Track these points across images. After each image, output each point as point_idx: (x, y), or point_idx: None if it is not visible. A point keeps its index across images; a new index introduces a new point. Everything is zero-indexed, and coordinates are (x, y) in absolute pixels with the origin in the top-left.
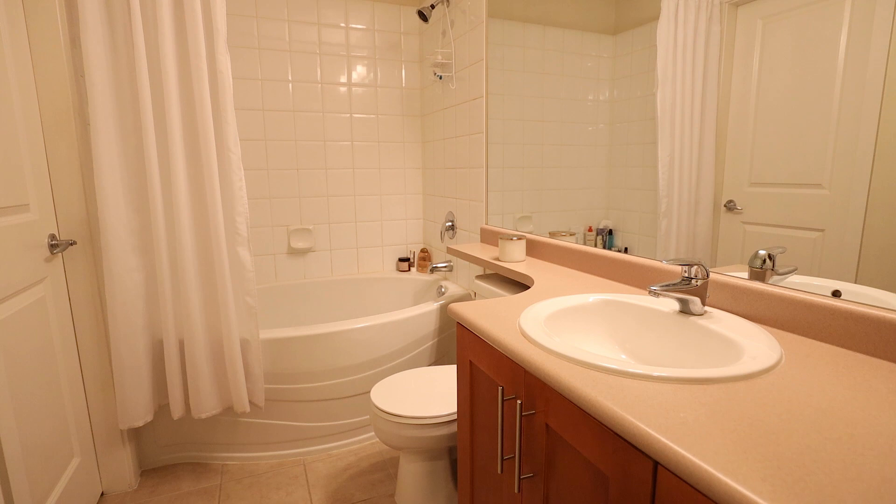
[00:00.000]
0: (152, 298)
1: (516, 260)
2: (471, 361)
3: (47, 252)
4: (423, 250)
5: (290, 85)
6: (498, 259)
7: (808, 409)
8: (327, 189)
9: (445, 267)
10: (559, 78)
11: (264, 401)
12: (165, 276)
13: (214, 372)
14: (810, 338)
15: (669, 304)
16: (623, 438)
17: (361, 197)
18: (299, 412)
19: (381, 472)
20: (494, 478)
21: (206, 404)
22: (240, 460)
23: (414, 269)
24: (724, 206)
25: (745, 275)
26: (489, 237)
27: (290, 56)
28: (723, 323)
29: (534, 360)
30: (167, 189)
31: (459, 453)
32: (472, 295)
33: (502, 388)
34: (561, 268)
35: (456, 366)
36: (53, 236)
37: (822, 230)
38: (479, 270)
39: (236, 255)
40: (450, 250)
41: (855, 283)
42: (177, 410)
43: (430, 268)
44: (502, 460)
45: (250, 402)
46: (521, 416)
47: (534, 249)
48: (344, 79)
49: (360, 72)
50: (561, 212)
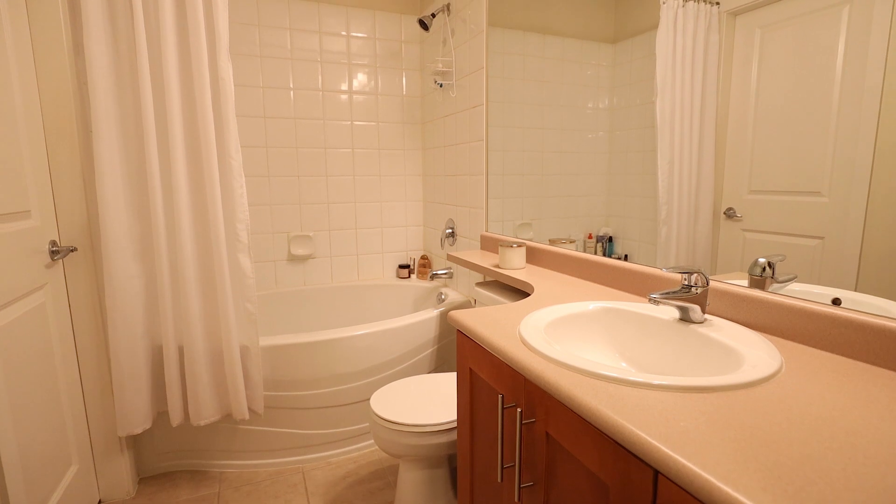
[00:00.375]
0: (152, 305)
1: (516, 267)
2: (471, 369)
3: (48, 258)
4: (423, 257)
5: (292, 92)
6: (498, 266)
7: (809, 418)
8: (328, 196)
9: (445, 274)
10: (559, 86)
11: (263, 408)
12: (166, 283)
13: (214, 379)
14: (810, 346)
15: (669, 311)
16: (623, 447)
17: (362, 204)
18: (298, 419)
19: (380, 481)
20: (494, 486)
21: (205, 411)
22: (238, 468)
23: (414, 276)
24: (724, 213)
25: (745, 283)
26: (489, 244)
27: (291, 64)
28: (723, 331)
29: (534, 368)
30: (168, 195)
31: (459, 461)
32: (472, 302)
33: (502, 396)
34: (561, 275)
35: (456, 373)
36: (54, 242)
37: (821, 238)
38: (479, 277)
39: (236, 261)
40: (450, 257)
41: (855, 290)
42: (176, 417)
43: (430, 275)
44: (502, 469)
45: (249, 409)
46: (521, 424)
47: (534, 257)
48: (345, 86)
49: (360, 79)
50: (561, 219)
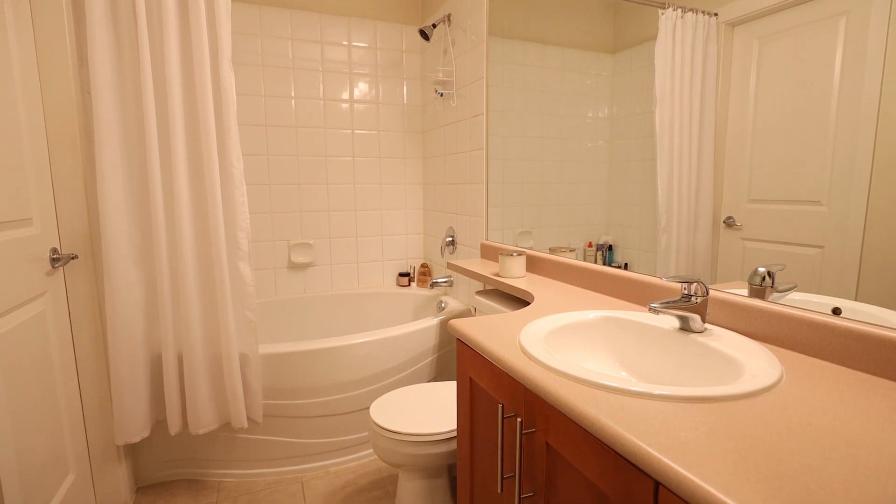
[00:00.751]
0: (152, 312)
1: (516, 276)
2: (471, 378)
3: (48, 266)
4: (423, 265)
5: (293, 101)
6: (498, 275)
7: (809, 428)
8: (328, 204)
9: (445, 282)
10: (559, 95)
11: (262, 416)
12: (166, 290)
13: (213, 387)
14: (811, 356)
15: (670, 321)
16: (624, 458)
17: (362, 212)
18: (297, 428)
19: (379, 490)
20: (494, 497)
21: (204, 420)
22: (237, 477)
23: (414, 284)
24: (724, 222)
25: (745, 292)
26: (489, 253)
27: (293, 73)
28: (723, 340)
29: (534, 377)
30: (169, 203)
31: (459, 471)
32: (472, 310)
33: (502, 406)
34: (561, 284)
35: (456, 382)
36: (55, 250)
37: (821, 247)
38: (479, 286)
39: (237, 269)
40: (450, 266)
41: (855, 300)
42: (174, 426)
43: (430, 283)
44: (502, 479)
45: (248, 417)
46: (521, 434)
47: (534, 265)
48: (346, 95)
49: (361, 89)
50: (561, 227)
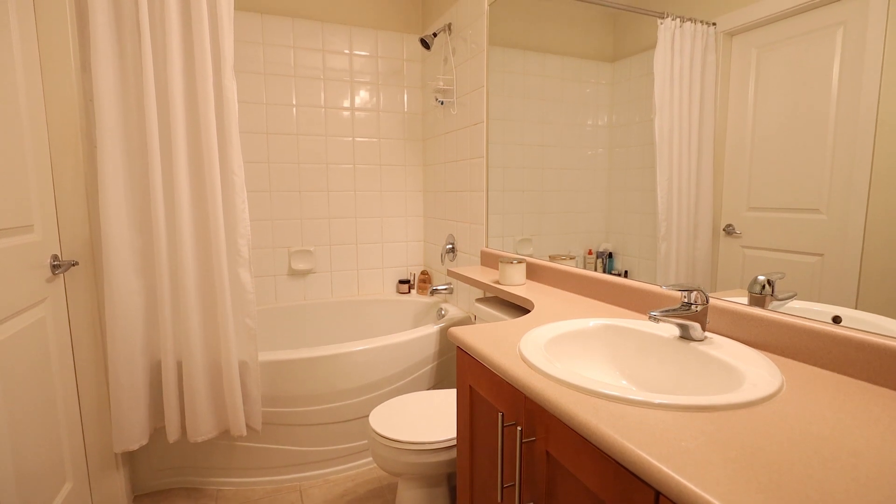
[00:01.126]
0: (152, 319)
1: (516, 283)
2: (471, 386)
3: (49, 272)
4: (423, 272)
5: (294, 109)
6: (498, 282)
7: (810, 438)
8: (329, 211)
9: (445, 289)
10: (558, 104)
11: (261, 424)
12: (166, 297)
13: (212, 394)
14: (811, 364)
15: (670, 329)
16: (624, 467)
17: (363, 219)
18: (296, 436)
19: (378, 499)
20: None
21: (203, 427)
22: (235, 486)
23: (414, 292)
24: (724, 230)
25: (745, 300)
26: (489, 260)
27: (294, 81)
28: (723, 349)
29: (534, 386)
30: (170, 211)
31: (459, 480)
32: (472, 318)
33: (502, 415)
34: (561, 291)
35: (456, 390)
36: (56, 257)
37: (821, 255)
38: (480, 293)
39: (237, 276)
40: (450, 273)
41: (855, 308)
42: (173, 433)
43: (430, 290)
44: (502, 488)
45: (247, 425)
46: (521, 442)
47: (534, 273)
48: (347, 103)
49: (362, 96)
50: (561, 235)
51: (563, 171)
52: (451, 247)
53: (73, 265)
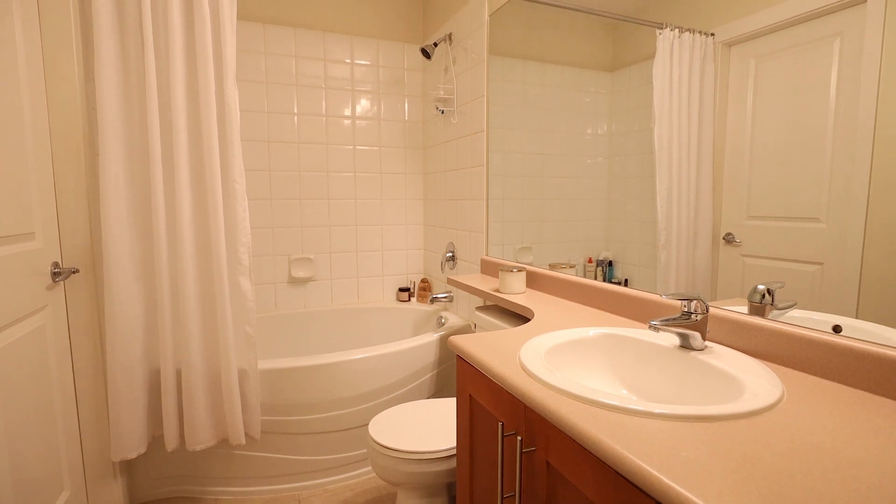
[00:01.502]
0: (151, 327)
1: (516, 292)
2: (471, 395)
3: (49, 280)
4: (423, 280)
5: (296, 117)
6: (498, 290)
7: (811, 449)
8: (329, 219)
9: (446, 297)
10: (558, 112)
11: (260, 433)
12: (166, 305)
13: (211, 402)
14: (811, 374)
15: (670, 338)
16: (625, 477)
17: (363, 227)
18: (296, 445)
19: None
20: None
21: (202, 436)
22: (233, 495)
23: (414, 300)
24: (723, 238)
25: (745, 309)
26: (489, 268)
27: (296, 90)
28: (723, 358)
29: (534, 395)
30: (171, 218)
31: (458, 490)
32: (472, 326)
33: (502, 424)
34: (561, 300)
35: (455, 399)
36: (56, 264)
37: (820, 263)
38: (480, 301)
39: (237, 284)
40: (450, 281)
41: (856, 318)
42: (171, 442)
43: (430, 298)
44: (502, 498)
45: (246, 434)
46: (521, 452)
47: (534, 281)
48: (348, 112)
49: (363, 105)
50: (561, 243)
51: (563, 179)
52: (451, 255)
53: (74, 272)
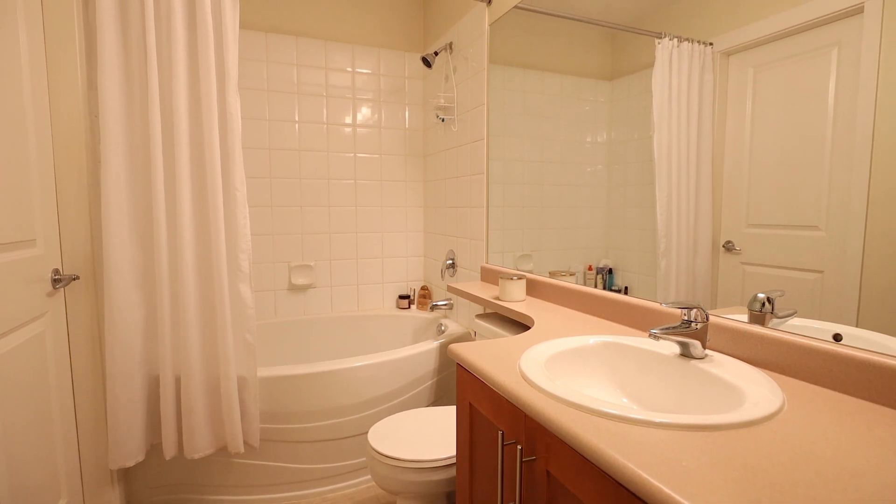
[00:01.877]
0: (151, 334)
1: (517, 299)
2: (470, 404)
3: (49, 287)
4: (423, 288)
5: (297, 125)
6: (498, 298)
7: (812, 458)
8: (329, 226)
9: (445, 305)
10: (558, 121)
11: (259, 441)
12: (166, 312)
13: (210, 410)
14: (812, 383)
15: (670, 347)
16: (625, 487)
17: (363, 234)
18: (294, 454)
19: None
20: None
21: (200, 444)
22: (231, 503)
23: (414, 307)
24: (723, 246)
25: (745, 318)
26: (489, 276)
27: (297, 98)
28: (724, 367)
29: (535, 404)
30: (172, 225)
31: (458, 499)
32: (472, 334)
33: (502, 433)
34: (561, 308)
35: (455, 407)
36: (57, 271)
37: (820, 272)
38: (480, 309)
39: (237, 291)
40: (450, 289)
41: (856, 326)
42: (169, 450)
43: (430, 306)
44: None
45: (245, 442)
46: (521, 461)
47: (534, 289)
48: (349, 120)
49: (364, 113)
50: (561, 250)
51: (563, 187)
52: (451, 262)
53: (74, 279)
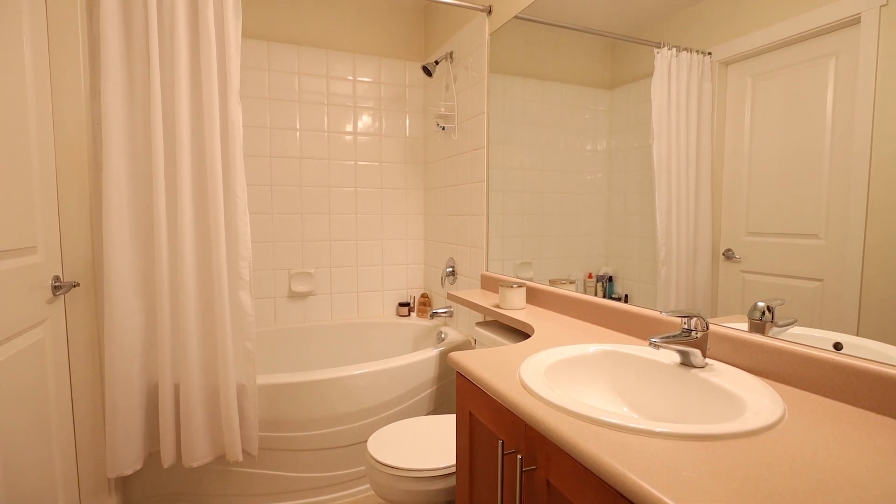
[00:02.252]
0: (151, 341)
1: (516, 307)
2: (470, 412)
3: (50, 294)
4: (423, 295)
5: (298, 133)
6: (498, 306)
7: (814, 469)
8: (330, 233)
9: (445, 313)
10: (558, 129)
11: (258, 449)
12: (165, 319)
13: (208, 418)
14: (813, 392)
15: (670, 355)
16: (626, 497)
17: (363, 242)
18: (293, 462)
19: None
20: None
21: (198, 452)
22: None
23: (414, 315)
24: (723, 254)
25: (746, 326)
26: (489, 283)
27: (298, 106)
28: (724, 376)
29: (535, 413)
30: (173, 233)
31: None
32: (473, 342)
33: (502, 442)
34: (561, 316)
35: (455, 415)
36: (57, 278)
37: (820, 280)
38: (480, 317)
39: (237, 298)
40: (450, 296)
41: (857, 334)
42: (167, 458)
43: (430, 313)
44: None
45: (244, 450)
46: (521, 471)
47: (534, 297)
48: (350, 128)
49: (365, 121)
50: (561, 258)
51: (563, 195)
52: (451, 270)
53: (75, 286)
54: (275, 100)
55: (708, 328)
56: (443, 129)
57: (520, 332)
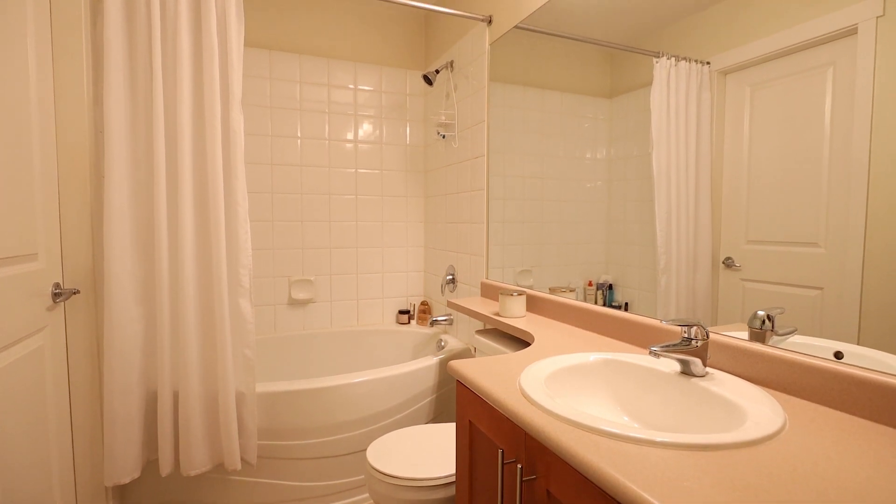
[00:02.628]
0: (150, 349)
1: (517, 315)
2: (470, 421)
3: (50, 301)
4: (423, 303)
5: (299, 141)
6: (498, 314)
7: (815, 479)
8: (330, 241)
9: (445, 320)
10: (558, 137)
11: (256, 458)
12: (165, 326)
13: (207, 426)
14: (813, 402)
15: (670, 364)
16: None
17: (363, 249)
18: (292, 471)
19: None
20: None
21: (197, 460)
22: None
23: (414, 322)
24: (723, 262)
25: (746, 335)
26: (490, 291)
27: (300, 114)
28: (725, 385)
29: (535, 422)
30: (174, 240)
31: None
32: (472, 350)
33: (502, 451)
34: (561, 324)
35: (454, 424)
36: (57, 285)
37: (820, 288)
38: (480, 325)
39: (237, 306)
40: (450, 304)
41: (857, 343)
42: (166, 466)
43: (430, 321)
44: None
45: (242, 459)
46: (521, 481)
47: (534, 305)
48: (350, 136)
49: (366, 129)
50: (561, 266)
51: (563, 202)
52: (451, 278)
53: (75, 293)
54: (276, 108)
55: (708, 337)
56: (443, 137)
57: (520, 341)
